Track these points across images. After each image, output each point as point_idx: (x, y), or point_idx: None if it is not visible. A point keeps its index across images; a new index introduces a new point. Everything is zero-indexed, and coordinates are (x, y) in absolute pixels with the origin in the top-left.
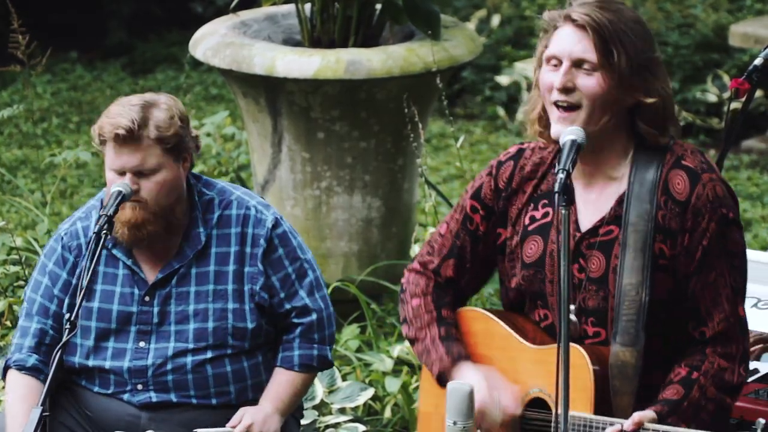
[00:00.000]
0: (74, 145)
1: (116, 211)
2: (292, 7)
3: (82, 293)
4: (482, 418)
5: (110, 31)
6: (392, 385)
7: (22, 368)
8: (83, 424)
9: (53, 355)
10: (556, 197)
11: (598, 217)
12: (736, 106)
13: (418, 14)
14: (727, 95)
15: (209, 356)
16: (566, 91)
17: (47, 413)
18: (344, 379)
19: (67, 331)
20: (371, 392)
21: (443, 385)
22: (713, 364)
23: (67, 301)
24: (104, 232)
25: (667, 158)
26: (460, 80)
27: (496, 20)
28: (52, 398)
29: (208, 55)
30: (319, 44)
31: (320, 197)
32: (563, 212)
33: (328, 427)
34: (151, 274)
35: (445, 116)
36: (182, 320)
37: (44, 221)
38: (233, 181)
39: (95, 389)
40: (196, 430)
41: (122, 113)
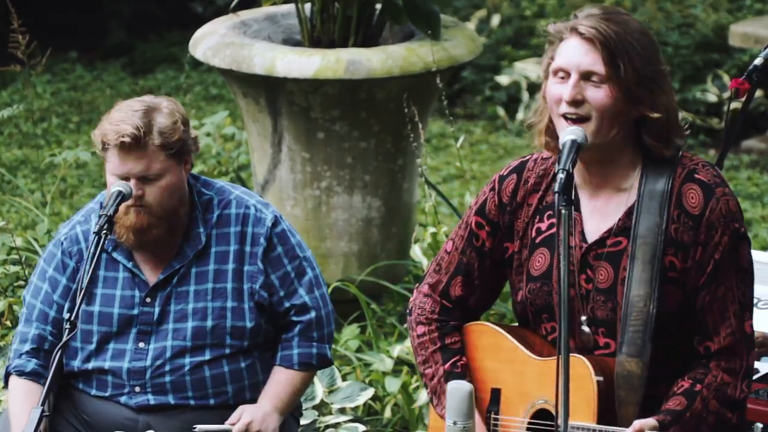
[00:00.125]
0: (74, 145)
1: (116, 211)
2: (292, 7)
3: (82, 293)
4: None
5: (110, 31)
6: (392, 385)
7: (22, 374)
8: (81, 427)
9: (53, 355)
10: (556, 197)
11: (605, 227)
12: (736, 106)
13: (418, 14)
14: (727, 95)
15: (207, 357)
16: (575, 103)
17: (47, 413)
18: (344, 379)
19: (67, 331)
20: (371, 392)
21: None
22: (716, 377)
23: (67, 306)
24: (104, 232)
25: (678, 171)
26: (460, 80)
27: (496, 20)
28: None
29: (208, 55)
30: (319, 44)
31: (320, 197)
32: (563, 212)
33: (328, 427)
34: (152, 275)
35: (445, 116)
36: (181, 318)
37: (44, 221)
38: (233, 181)
39: (92, 392)
40: (195, 426)
41: (125, 120)
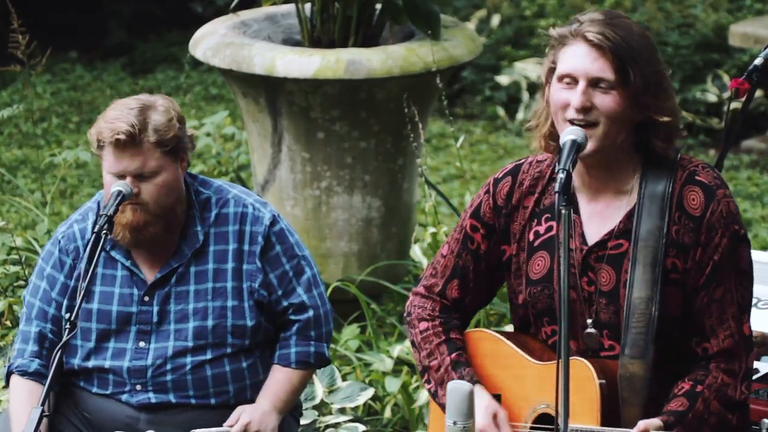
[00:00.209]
0: (74, 145)
1: (116, 210)
2: (292, 7)
3: (82, 293)
4: None
5: (110, 31)
6: (392, 385)
7: (24, 373)
8: (81, 425)
9: (53, 355)
10: (556, 197)
11: (605, 230)
12: (736, 106)
13: (418, 14)
14: (727, 95)
15: (209, 357)
16: (584, 110)
17: (48, 413)
18: (344, 379)
19: (67, 331)
20: (371, 392)
21: None
22: (716, 379)
23: (65, 303)
24: (104, 231)
25: (678, 174)
26: (460, 80)
27: (496, 20)
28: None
29: (208, 55)
30: (319, 44)
31: (320, 197)
32: (563, 212)
33: (328, 427)
34: (150, 274)
35: (445, 116)
36: (182, 319)
37: (44, 221)
38: (233, 181)
39: (93, 390)
40: (193, 430)
41: (120, 117)
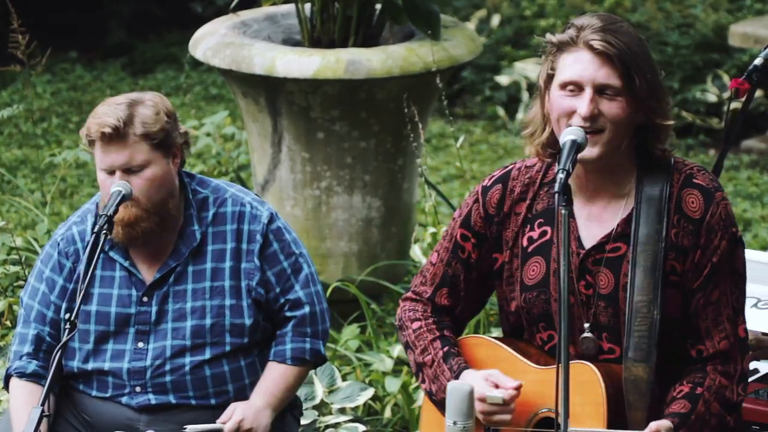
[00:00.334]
0: (74, 145)
1: (116, 211)
2: (292, 7)
3: (82, 293)
4: (484, 407)
5: (110, 31)
6: (392, 385)
7: (22, 375)
8: (82, 428)
9: (53, 355)
10: (556, 197)
11: (602, 233)
12: (736, 106)
13: (417, 14)
14: (727, 95)
15: (207, 356)
16: (592, 118)
17: (48, 414)
18: (344, 379)
19: (66, 331)
20: (371, 392)
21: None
22: (714, 380)
23: (64, 306)
24: (104, 232)
25: (675, 177)
26: (460, 80)
27: (496, 20)
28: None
29: (208, 55)
30: (319, 44)
31: (320, 197)
32: (563, 212)
33: (328, 427)
34: (148, 274)
35: (445, 116)
36: (179, 318)
37: (44, 221)
38: (233, 181)
39: (93, 393)
40: (185, 426)
41: (108, 113)
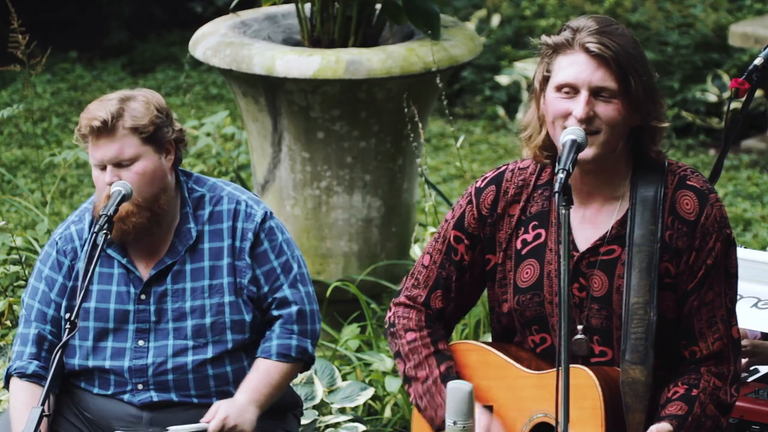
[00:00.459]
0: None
1: (116, 211)
2: (292, 7)
3: (82, 292)
4: None
5: (110, 30)
6: (392, 384)
7: (23, 375)
8: (83, 426)
9: (53, 355)
10: (556, 197)
11: (596, 236)
12: (736, 106)
13: (417, 14)
14: (727, 95)
15: (210, 355)
16: (588, 120)
17: (48, 413)
18: (344, 379)
19: (67, 331)
20: (371, 392)
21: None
22: (709, 382)
23: (64, 304)
24: (104, 231)
25: (669, 179)
26: (460, 80)
27: (496, 20)
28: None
29: (208, 54)
30: (318, 44)
31: (320, 197)
32: (563, 212)
33: (328, 426)
34: (145, 272)
35: (445, 116)
36: (179, 317)
37: (44, 221)
38: (233, 180)
39: (95, 390)
40: (168, 428)
41: (98, 108)
